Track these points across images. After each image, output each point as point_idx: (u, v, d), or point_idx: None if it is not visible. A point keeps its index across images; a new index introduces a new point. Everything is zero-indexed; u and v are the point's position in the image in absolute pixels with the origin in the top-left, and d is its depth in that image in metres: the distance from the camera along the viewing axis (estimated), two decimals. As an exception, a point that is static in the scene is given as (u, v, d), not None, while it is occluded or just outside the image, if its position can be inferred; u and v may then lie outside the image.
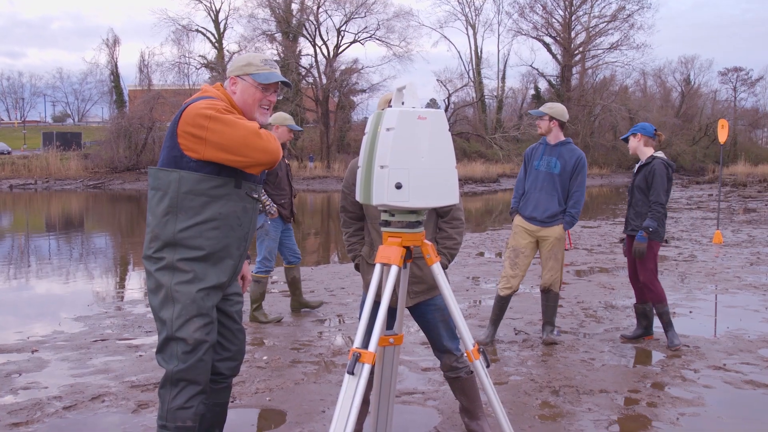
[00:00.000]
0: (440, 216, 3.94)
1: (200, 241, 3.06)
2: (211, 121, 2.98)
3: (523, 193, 6.28)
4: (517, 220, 6.26)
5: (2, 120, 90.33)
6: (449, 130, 2.77)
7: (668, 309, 6.19)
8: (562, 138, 6.22)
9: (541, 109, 6.25)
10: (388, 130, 2.64)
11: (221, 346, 3.31)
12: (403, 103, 2.72)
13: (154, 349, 3.26)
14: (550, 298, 6.25)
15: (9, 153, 53.35)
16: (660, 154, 6.21)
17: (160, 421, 3.10)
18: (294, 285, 7.57)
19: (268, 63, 3.24)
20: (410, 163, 2.64)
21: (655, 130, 6.26)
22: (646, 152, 6.22)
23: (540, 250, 6.21)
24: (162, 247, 3.07)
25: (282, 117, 6.95)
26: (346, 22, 55.93)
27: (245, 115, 3.19)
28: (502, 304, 6.35)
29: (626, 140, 6.38)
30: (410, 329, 6.58)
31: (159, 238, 3.07)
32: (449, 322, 3.88)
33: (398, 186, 2.62)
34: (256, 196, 3.25)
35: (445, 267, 3.87)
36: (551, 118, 6.16)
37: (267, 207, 6.82)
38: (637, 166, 6.34)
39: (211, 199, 3.06)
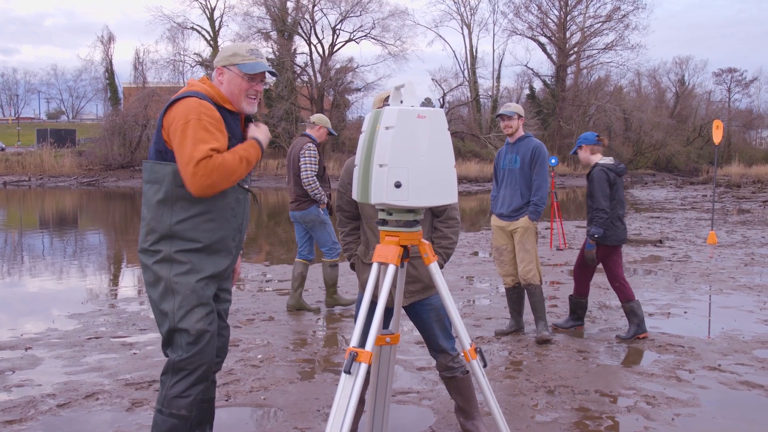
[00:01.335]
0: (435, 215, 3.93)
1: (196, 234, 3.10)
2: (183, 126, 2.99)
3: (496, 195, 6.50)
4: (493, 220, 6.49)
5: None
6: (447, 129, 2.77)
7: (635, 306, 6.40)
8: (522, 134, 6.35)
9: (512, 109, 6.32)
10: (387, 128, 2.63)
11: None
12: (401, 102, 2.71)
13: (149, 347, 3.26)
14: (532, 292, 6.29)
15: (3, 150, 53.15)
16: (605, 160, 6.50)
17: (158, 406, 3.16)
18: (299, 281, 7.59)
19: (254, 53, 3.26)
20: (409, 161, 2.63)
21: (597, 136, 6.60)
22: (594, 160, 6.55)
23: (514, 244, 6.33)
24: (158, 239, 3.10)
25: (323, 119, 7.44)
26: (341, 21, 55.90)
27: (233, 105, 3.21)
28: (511, 295, 6.53)
29: (576, 154, 6.70)
30: (404, 328, 6.57)
31: (155, 230, 3.10)
32: (444, 322, 3.87)
33: (398, 185, 2.61)
34: (247, 186, 3.29)
35: (440, 266, 3.86)
36: (519, 117, 6.30)
37: (319, 197, 7.12)
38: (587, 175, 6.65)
39: None
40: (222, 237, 3.18)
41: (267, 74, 3.30)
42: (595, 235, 6.27)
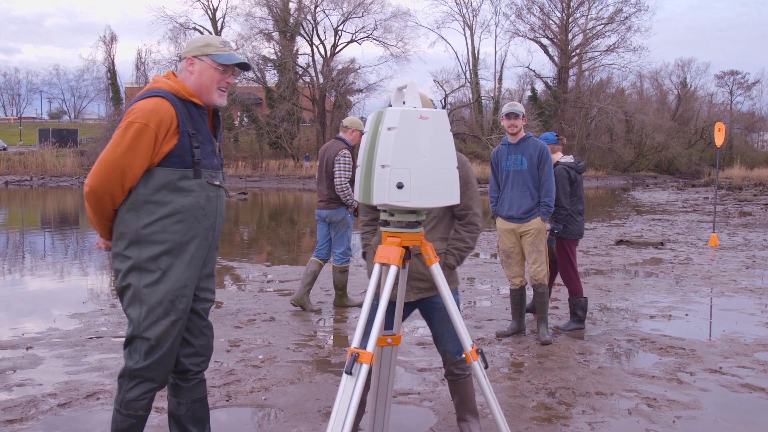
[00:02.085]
0: (458, 219, 3.94)
1: (165, 236, 3.03)
2: (120, 128, 2.98)
3: (498, 196, 6.47)
4: (499, 222, 6.45)
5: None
6: (450, 130, 2.77)
7: (583, 302, 6.73)
8: (524, 134, 6.33)
9: (519, 108, 6.30)
10: (389, 129, 2.63)
11: (186, 342, 3.28)
12: (404, 103, 2.71)
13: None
14: (540, 293, 6.31)
15: (5, 149, 53.24)
16: (566, 158, 6.85)
17: (116, 405, 3.17)
18: (310, 278, 7.66)
19: (227, 44, 3.21)
20: (412, 162, 2.62)
21: (557, 135, 7.01)
22: (554, 159, 6.77)
23: (523, 245, 6.32)
24: (128, 245, 3.05)
25: (356, 122, 7.59)
26: (343, 22, 56.01)
27: (202, 97, 3.15)
28: (515, 296, 6.54)
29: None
30: (405, 329, 6.57)
31: (124, 235, 3.05)
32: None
33: (400, 186, 2.60)
34: (218, 183, 3.21)
35: (452, 267, 3.87)
36: (524, 116, 6.30)
37: (350, 202, 7.35)
38: None
39: (172, 192, 3.03)
40: (192, 237, 3.10)
41: (239, 68, 3.24)
42: (555, 231, 6.64)
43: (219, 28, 57.33)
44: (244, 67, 3.25)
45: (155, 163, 3.00)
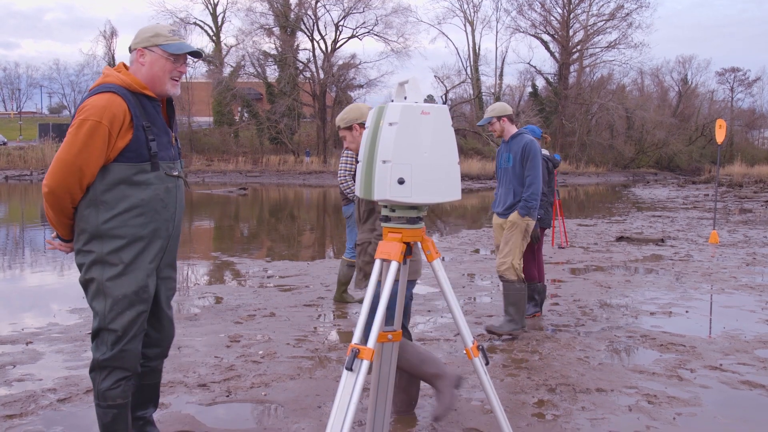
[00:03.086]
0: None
1: (125, 230, 3.07)
2: (73, 126, 2.99)
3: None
4: (493, 218, 6.63)
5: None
6: (451, 125, 2.76)
7: (541, 288, 7.14)
8: (514, 131, 6.38)
9: (486, 116, 6.41)
10: (390, 124, 2.62)
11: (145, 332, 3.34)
12: (405, 98, 2.70)
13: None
14: (503, 285, 6.32)
15: (5, 144, 53.18)
16: (544, 152, 7.20)
17: (95, 401, 3.24)
18: (348, 278, 7.81)
19: (177, 33, 3.18)
20: (413, 158, 2.62)
21: (543, 132, 7.38)
22: None
23: None
24: (89, 239, 3.08)
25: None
26: (344, 17, 55.88)
27: (155, 88, 3.14)
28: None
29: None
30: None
31: (85, 231, 3.08)
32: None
33: (401, 181, 2.60)
34: (176, 173, 3.22)
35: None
36: (498, 118, 6.31)
37: (351, 195, 7.43)
38: None
39: (130, 186, 3.05)
40: (154, 229, 3.14)
41: (189, 57, 3.24)
42: (538, 216, 6.71)
43: (219, 23, 57.34)
44: (196, 54, 3.23)
45: (111, 159, 3.02)
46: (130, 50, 3.20)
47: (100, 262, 3.08)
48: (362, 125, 4.17)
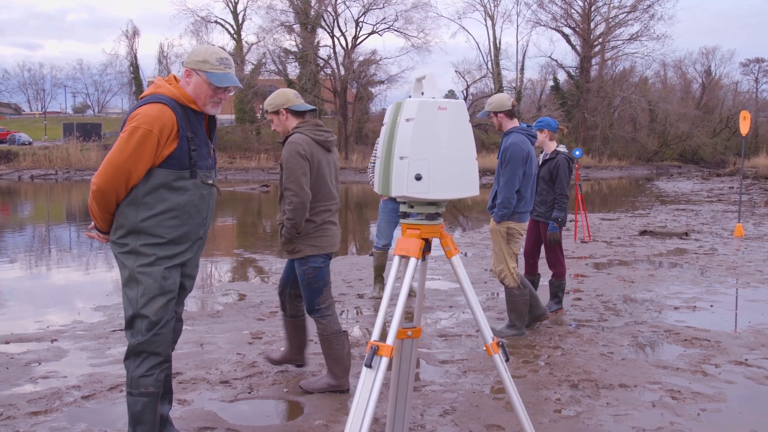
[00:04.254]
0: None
1: (160, 230, 3.32)
2: (126, 132, 3.23)
3: None
4: None
5: (23, 111, 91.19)
6: (468, 121, 2.74)
7: (564, 283, 7.05)
8: (510, 126, 6.07)
9: (484, 109, 6.21)
10: (407, 120, 2.61)
11: None
12: (422, 94, 2.69)
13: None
14: (505, 291, 6.17)
15: (30, 144, 53.76)
16: (562, 148, 6.83)
17: (127, 389, 3.39)
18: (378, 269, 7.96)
19: (224, 62, 3.40)
20: (430, 154, 2.61)
21: (559, 125, 7.03)
22: (551, 146, 6.83)
23: None
24: (126, 234, 3.33)
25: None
26: (364, 13, 55.79)
27: (198, 104, 3.38)
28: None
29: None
30: (427, 320, 6.55)
31: (123, 226, 3.33)
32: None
33: (418, 177, 2.59)
34: (211, 182, 3.49)
35: (285, 237, 4.45)
36: (495, 113, 6.08)
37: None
38: (541, 158, 6.82)
39: (169, 190, 3.30)
40: (186, 232, 3.39)
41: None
42: (559, 219, 6.65)
43: (240, 22, 57.45)
44: (239, 86, 3.55)
45: (156, 165, 3.27)
46: (183, 65, 3.46)
47: (133, 252, 3.31)
48: (288, 110, 4.53)
